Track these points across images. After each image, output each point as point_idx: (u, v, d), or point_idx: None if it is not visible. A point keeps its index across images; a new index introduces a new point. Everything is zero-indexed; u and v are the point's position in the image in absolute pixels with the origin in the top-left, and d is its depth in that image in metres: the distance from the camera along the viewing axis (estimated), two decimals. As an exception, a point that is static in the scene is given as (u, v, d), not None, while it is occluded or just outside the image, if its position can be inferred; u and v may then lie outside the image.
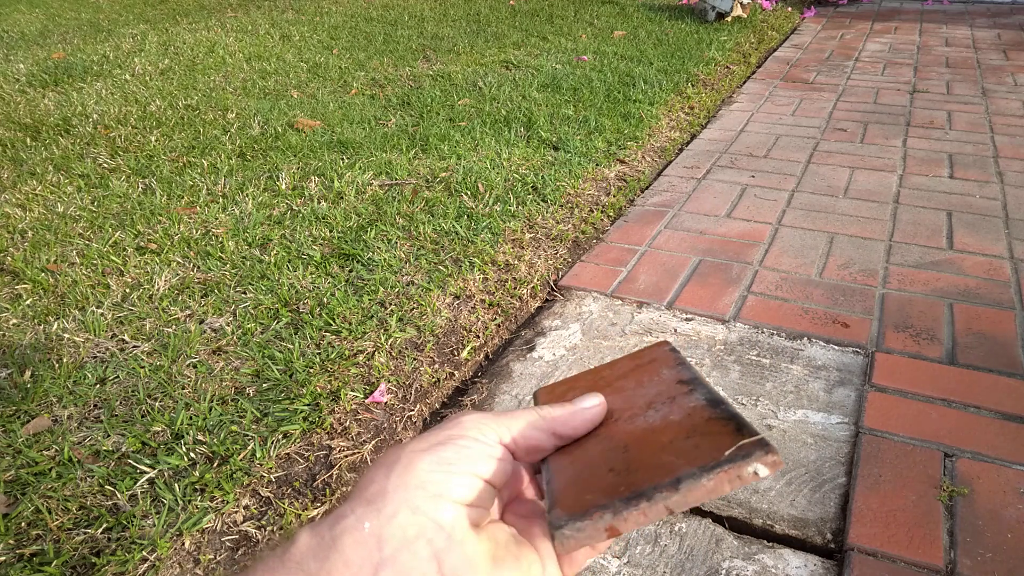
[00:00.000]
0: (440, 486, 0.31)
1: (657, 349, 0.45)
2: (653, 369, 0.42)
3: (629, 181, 2.31)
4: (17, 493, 1.14)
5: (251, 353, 1.45)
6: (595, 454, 0.36)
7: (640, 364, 0.44)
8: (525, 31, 4.48)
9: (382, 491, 0.30)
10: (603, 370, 0.45)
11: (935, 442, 1.18)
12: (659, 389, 0.40)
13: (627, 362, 0.45)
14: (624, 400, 0.40)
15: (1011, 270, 1.70)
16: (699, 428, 0.35)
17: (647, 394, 0.40)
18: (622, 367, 0.44)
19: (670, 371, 0.41)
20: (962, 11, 5.02)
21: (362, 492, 0.31)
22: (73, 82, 3.47)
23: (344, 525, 0.29)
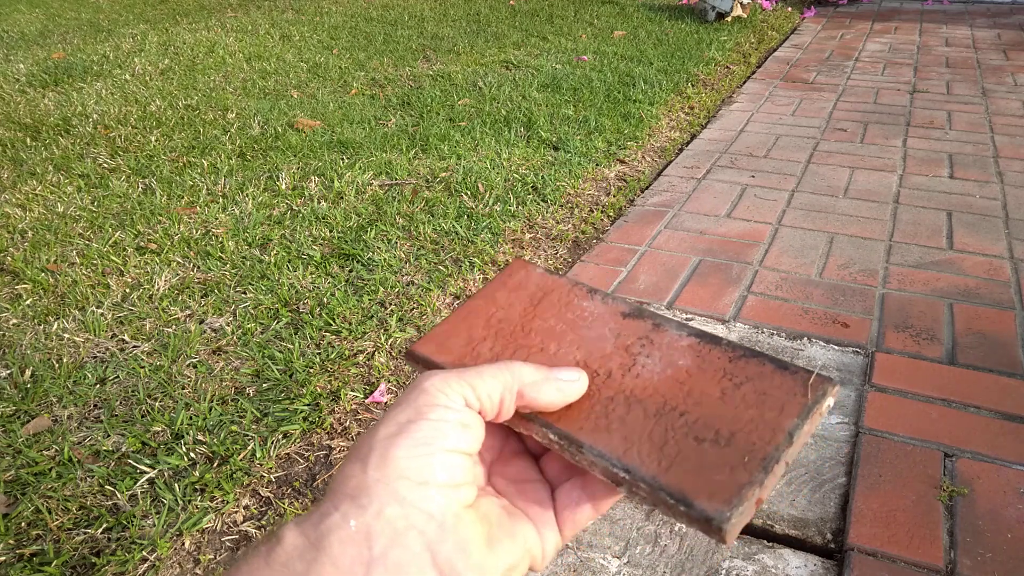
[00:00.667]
0: (422, 472, 0.29)
1: (520, 272, 0.41)
2: (559, 300, 0.39)
3: (629, 181, 2.31)
4: (17, 493, 1.14)
5: (251, 353, 1.45)
6: (646, 426, 0.33)
7: (529, 293, 0.40)
8: (525, 31, 4.48)
9: (363, 485, 0.28)
10: (485, 306, 0.40)
11: (935, 442, 1.18)
12: (612, 328, 0.37)
13: (505, 294, 0.40)
14: (578, 346, 0.37)
15: (1011, 270, 1.70)
16: (740, 373, 0.33)
17: (603, 337, 0.37)
18: (509, 300, 0.40)
19: (590, 302, 0.38)
20: (962, 11, 5.02)
21: (342, 487, 0.29)
22: (73, 82, 3.47)
23: (329, 523, 0.28)
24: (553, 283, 0.40)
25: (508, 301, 0.40)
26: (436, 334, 0.39)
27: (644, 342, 0.36)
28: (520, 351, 0.37)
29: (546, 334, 0.38)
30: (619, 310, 0.38)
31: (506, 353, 0.37)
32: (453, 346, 0.38)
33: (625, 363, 0.35)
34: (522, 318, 0.39)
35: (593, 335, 0.37)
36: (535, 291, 0.40)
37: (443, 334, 0.39)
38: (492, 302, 0.40)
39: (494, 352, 0.38)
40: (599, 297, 0.39)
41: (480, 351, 0.38)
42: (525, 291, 0.40)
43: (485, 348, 0.38)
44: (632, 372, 0.35)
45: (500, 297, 0.40)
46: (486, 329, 0.39)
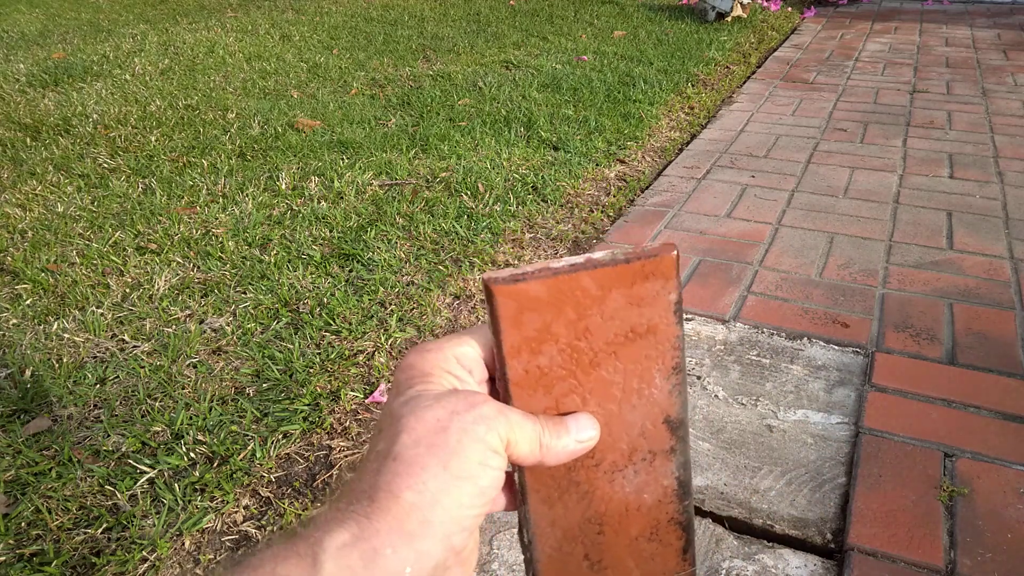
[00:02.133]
0: (472, 520, 0.30)
1: (657, 292, 0.35)
2: (646, 359, 0.35)
3: (629, 181, 2.31)
4: (17, 493, 1.14)
5: (251, 353, 1.45)
6: (575, 521, 0.36)
7: (634, 328, 0.35)
8: (525, 31, 4.48)
9: (427, 525, 0.28)
10: (590, 313, 0.34)
11: (935, 442, 1.18)
12: (644, 427, 0.36)
13: (623, 310, 0.35)
14: (606, 429, 0.36)
15: (1011, 270, 1.70)
16: (660, 530, 0.37)
17: (630, 433, 0.36)
18: (614, 322, 0.35)
19: (663, 381, 0.36)
20: (962, 11, 5.02)
21: (400, 519, 0.28)
22: (73, 82, 3.47)
23: (384, 569, 0.27)
24: (664, 306, 0.36)
25: (614, 307, 0.35)
26: (519, 282, 0.34)
27: (647, 458, 0.37)
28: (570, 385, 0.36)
29: (601, 386, 0.36)
30: (666, 412, 0.36)
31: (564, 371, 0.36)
32: (522, 298, 0.34)
33: (617, 463, 0.36)
34: (603, 340, 0.35)
35: (628, 419, 0.36)
36: (643, 325, 0.36)
37: (530, 290, 0.34)
38: (601, 304, 0.35)
39: (540, 329, 0.35)
40: (673, 355, 0.36)
41: (537, 327, 0.35)
42: (638, 303, 0.36)
43: (541, 327, 0.35)
44: (609, 475, 0.36)
45: (614, 297, 0.35)
46: (568, 328, 0.35)
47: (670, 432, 0.37)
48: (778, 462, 1.16)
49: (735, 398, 1.31)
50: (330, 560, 0.26)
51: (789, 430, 1.23)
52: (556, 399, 0.35)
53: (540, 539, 0.36)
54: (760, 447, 1.19)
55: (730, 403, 1.30)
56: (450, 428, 0.30)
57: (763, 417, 1.26)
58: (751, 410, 1.28)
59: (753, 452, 1.18)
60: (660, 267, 0.34)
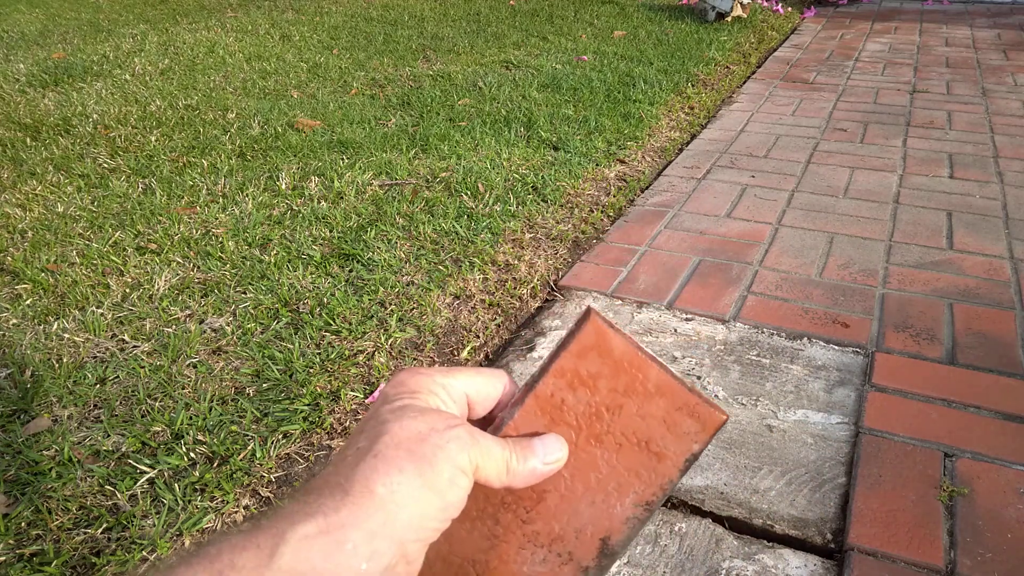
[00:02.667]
0: (430, 533, 0.31)
1: (689, 433, 0.37)
2: (636, 476, 0.37)
3: (629, 181, 2.31)
4: (17, 493, 1.14)
5: (251, 353, 1.45)
6: (465, 551, 0.36)
7: (651, 442, 0.37)
8: (525, 31, 4.48)
9: (390, 526, 0.29)
10: (632, 398, 0.36)
11: (935, 442, 1.18)
12: (584, 528, 0.37)
13: (657, 420, 0.36)
14: (557, 501, 0.36)
15: (1011, 270, 1.70)
16: None
17: (570, 523, 0.36)
18: (643, 422, 0.37)
19: (631, 507, 0.37)
20: (962, 11, 5.02)
21: (367, 515, 0.29)
22: (73, 82, 3.47)
23: (341, 563, 0.28)
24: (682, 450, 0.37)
25: (623, 422, 0.37)
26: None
27: (563, 557, 0.37)
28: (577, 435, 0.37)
29: (590, 455, 0.37)
30: (640, 496, 0.37)
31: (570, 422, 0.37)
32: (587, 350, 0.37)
33: (536, 538, 0.36)
34: (600, 433, 0.37)
35: (580, 510, 0.37)
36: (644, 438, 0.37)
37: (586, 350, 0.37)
38: (619, 414, 0.37)
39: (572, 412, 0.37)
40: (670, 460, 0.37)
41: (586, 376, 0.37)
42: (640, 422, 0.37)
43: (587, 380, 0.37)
44: (521, 552, 0.36)
45: (628, 412, 0.37)
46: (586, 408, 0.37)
47: (599, 553, 0.37)
48: (778, 462, 1.16)
49: (735, 398, 1.31)
50: (290, 551, 0.27)
51: (789, 430, 1.23)
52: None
53: (432, 547, 0.36)
54: (760, 447, 1.19)
55: (730, 403, 1.30)
56: (428, 440, 0.31)
57: (763, 417, 1.26)
58: (751, 410, 1.28)
59: (753, 452, 1.18)
60: (708, 415, 0.36)
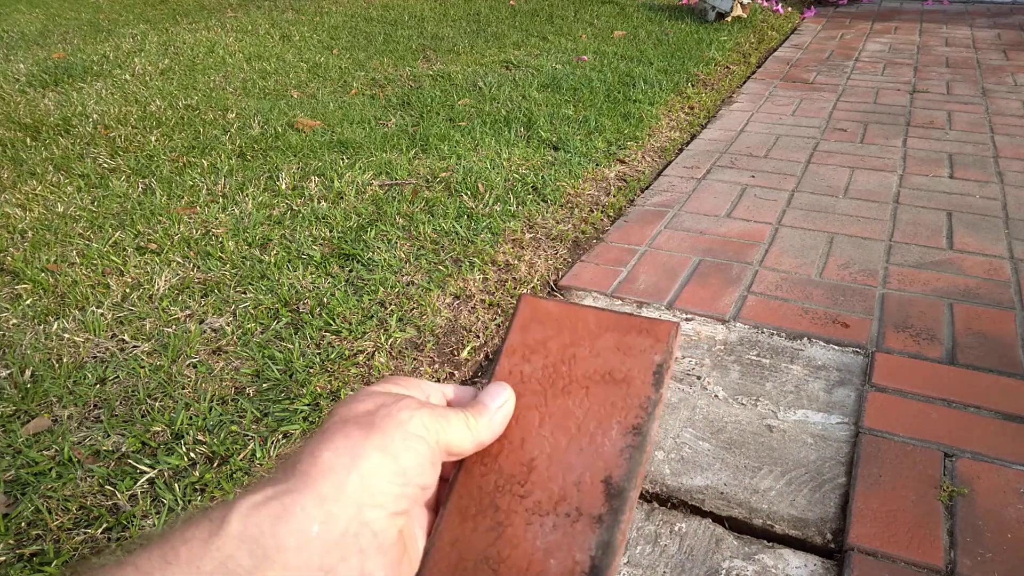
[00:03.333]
0: (390, 500, 0.30)
1: (645, 350, 0.38)
2: (612, 406, 0.37)
3: (629, 181, 2.31)
4: (17, 493, 1.14)
5: (251, 353, 1.45)
6: (476, 550, 0.35)
7: (612, 372, 0.38)
8: (525, 31, 4.48)
9: (340, 489, 0.28)
10: (581, 344, 0.38)
11: (935, 442, 1.18)
12: (581, 476, 0.35)
13: (609, 352, 0.38)
14: (547, 461, 0.36)
15: (1011, 270, 1.70)
16: None
17: (567, 478, 0.35)
18: (598, 360, 0.38)
19: (619, 437, 0.36)
20: (962, 11, 5.02)
21: (316, 482, 0.28)
22: (73, 82, 3.47)
23: (291, 526, 0.27)
24: (643, 379, 0.38)
25: (603, 359, 0.39)
26: (547, 308, 0.40)
27: (572, 515, 0.35)
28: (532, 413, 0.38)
29: (567, 397, 0.38)
30: (609, 473, 0.36)
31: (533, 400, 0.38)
32: (538, 321, 0.40)
33: (539, 507, 0.36)
34: (580, 376, 0.38)
35: (576, 448, 0.36)
36: (620, 376, 0.38)
37: (551, 316, 0.40)
38: (593, 341, 0.39)
39: (540, 354, 0.39)
40: (628, 435, 0.36)
41: (538, 347, 0.39)
42: (622, 361, 0.39)
43: (540, 349, 0.39)
44: (529, 521, 0.35)
45: (605, 344, 0.39)
46: (559, 351, 0.39)
47: (605, 496, 0.35)
48: (778, 462, 1.16)
49: (735, 398, 1.31)
50: (238, 519, 0.27)
51: (789, 430, 1.23)
52: (520, 409, 0.37)
53: (437, 553, 0.35)
54: (760, 447, 1.19)
55: (730, 403, 1.30)
56: (376, 413, 0.32)
57: (763, 417, 1.26)
58: (751, 410, 1.28)
59: (753, 452, 1.18)
60: (655, 329, 0.38)
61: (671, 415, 1.28)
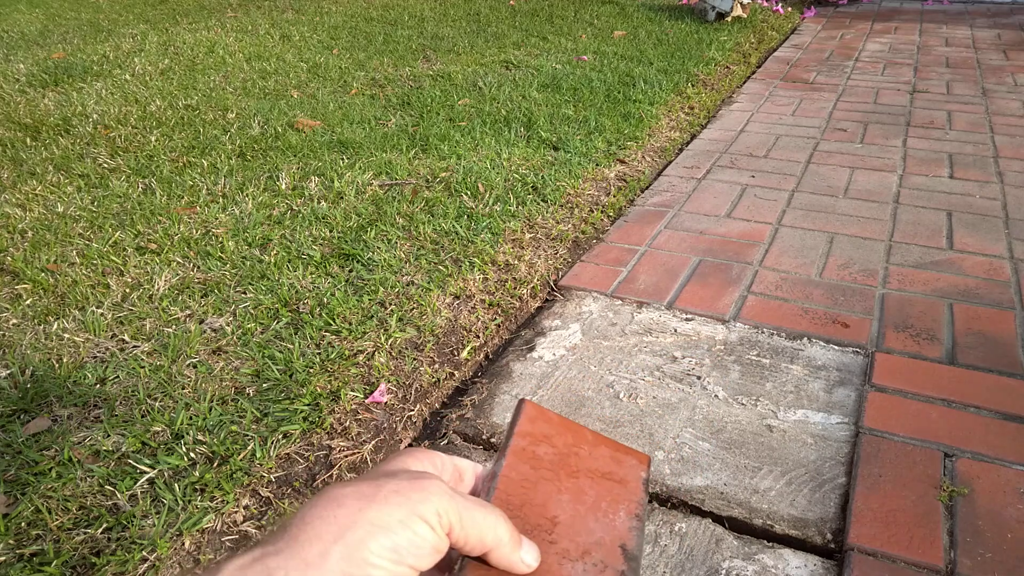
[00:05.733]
0: (380, 573, 0.29)
1: (634, 466, 0.44)
2: (616, 497, 0.41)
3: (629, 181, 2.31)
4: (17, 493, 1.14)
5: (251, 353, 1.45)
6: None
7: (611, 474, 0.42)
8: (525, 31, 4.48)
9: (324, 556, 0.28)
10: (582, 447, 0.43)
11: (935, 442, 1.18)
12: (601, 539, 0.39)
13: (606, 460, 0.43)
14: (569, 520, 0.39)
15: (1011, 270, 1.70)
16: None
17: (588, 537, 0.39)
18: (598, 462, 0.43)
19: (626, 519, 0.40)
20: (962, 11, 5.02)
21: (301, 547, 0.28)
22: (73, 82, 3.47)
23: None
24: (633, 484, 0.43)
25: (598, 462, 0.43)
26: (542, 417, 0.44)
27: (599, 565, 0.38)
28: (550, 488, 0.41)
29: (574, 493, 0.41)
30: (624, 541, 0.39)
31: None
32: (538, 428, 0.43)
33: (568, 553, 0.38)
34: (583, 473, 0.42)
35: (587, 528, 0.39)
36: (618, 478, 0.43)
37: (546, 421, 0.44)
38: (592, 450, 0.44)
39: (544, 451, 0.42)
40: (633, 520, 0.41)
41: (542, 445, 0.42)
42: (616, 469, 0.43)
43: (546, 448, 0.42)
44: (562, 567, 0.37)
45: (601, 454, 0.44)
46: (559, 456, 0.43)
47: (624, 558, 0.38)
48: (778, 462, 1.16)
49: (735, 398, 1.31)
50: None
51: (789, 430, 1.23)
52: (537, 480, 0.40)
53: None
54: (760, 447, 1.19)
55: (730, 403, 1.30)
56: (383, 487, 0.31)
57: (763, 417, 1.26)
58: (751, 410, 1.28)
59: (753, 452, 1.18)
60: (639, 455, 0.44)
61: (671, 415, 1.28)
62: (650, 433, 1.24)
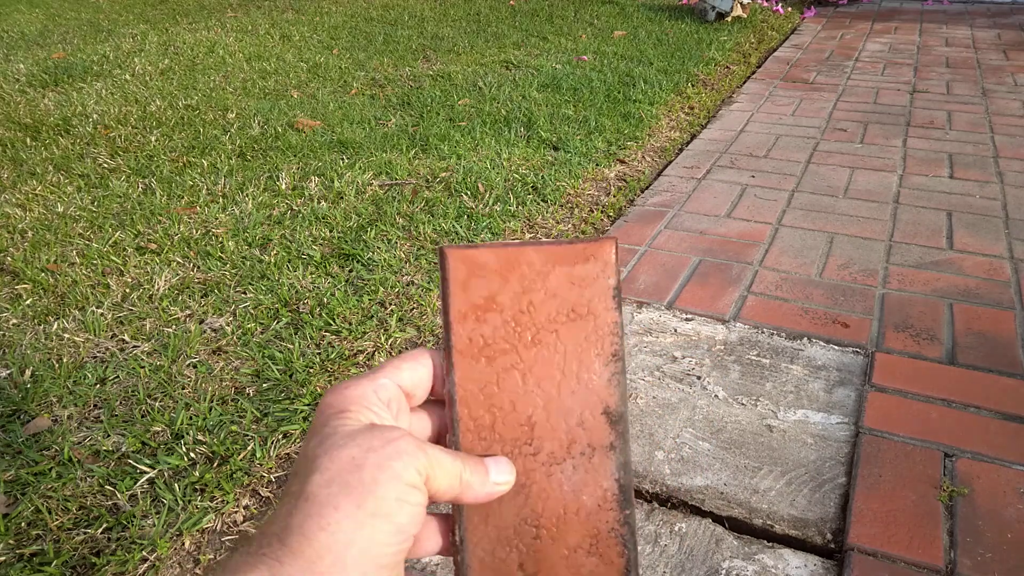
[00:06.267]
0: (391, 558, 0.29)
1: (598, 275, 0.37)
2: (586, 340, 0.36)
3: (629, 181, 2.31)
4: (17, 493, 1.14)
5: (251, 353, 1.45)
6: (510, 520, 0.36)
7: (575, 308, 0.37)
8: (525, 31, 4.48)
9: (340, 565, 0.28)
10: (535, 287, 0.37)
11: (935, 442, 1.18)
12: (582, 415, 0.36)
13: (565, 288, 0.37)
14: (544, 414, 0.36)
15: (1011, 270, 1.70)
16: (600, 542, 0.36)
17: (569, 421, 0.36)
18: (556, 299, 0.37)
19: (602, 368, 0.36)
20: (962, 11, 5.02)
21: (312, 561, 0.28)
22: (73, 82, 3.47)
23: None
24: (603, 287, 0.37)
25: (553, 283, 0.37)
26: (475, 253, 0.37)
27: (586, 452, 0.36)
28: (513, 372, 0.37)
29: (540, 347, 0.36)
30: (605, 401, 0.36)
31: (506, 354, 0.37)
32: (474, 269, 0.37)
33: (555, 455, 0.36)
34: (542, 317, 0.37)
35: (567, 404, 0.36)
36: (584, 301, 0.37)
37: (482, 258, 0.37)
38: (543, 277, 0.37)
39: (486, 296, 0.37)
40: (612, 343, 0.37)
41: (484, 294, 0.37)
42: (578, 281, 0.37)
43: (486, 291, 0.37)
44: (548, 469, 0.36)
45: (556, 272, 0.37)
46: (511, 298, 0.37)
47: (610, 426, 0.36)
48: (778, 462, 1.16)
49: (735, 398, 1.31)
50: None
51: (789, 430, 1.23)
52: (497, 373, 0.36)
53: (472, 538, 0.35)
54: (760, 447, 1.19)
55: (730, 403, 1.30)
56: (365, 465, 0.29)
57: (763, 417, 1.26)
58: (751, 410, 1.28)
59: (753, 452, 1.18)
60: (600, 252, 0.37)
61: (671, 415, 1.28)
62: (650, 433, 1.24)
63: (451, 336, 0.36)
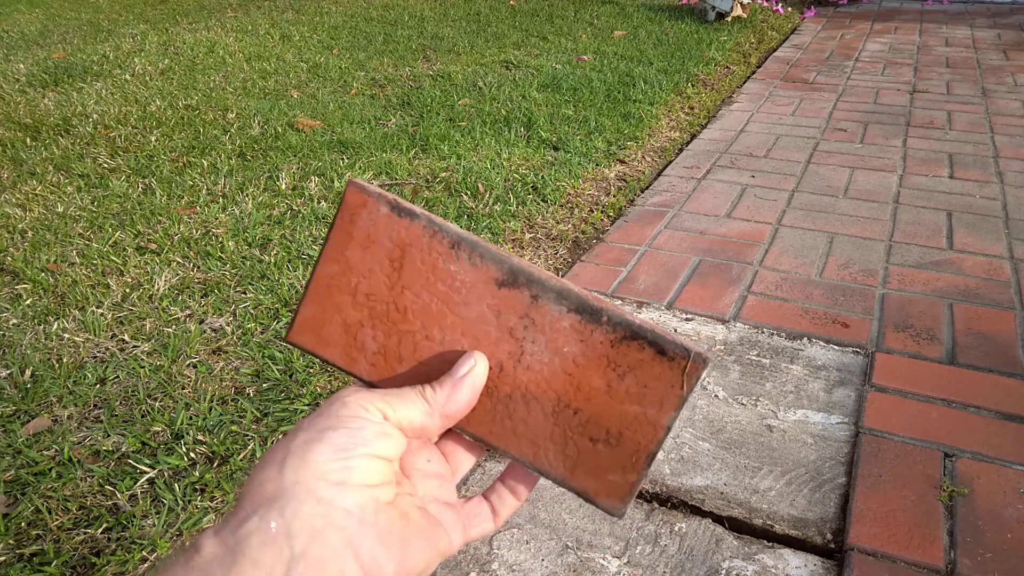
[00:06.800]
0: (340, 473, 0.30)
1: (363, 215, 0.37)
2: (423, 263, 0.36)
3: (629, 181, 2.31)
4: (17, 493, 1.14)
5: (251, 353, 1.45)
6: (547, 427, 0.36)
7: (386, 252, 0.37)
8: (525, 31, 4.48)
9: (280, 488, 0.29)
10: (343, 275, 0.37)
11: (935, 442, 1.18)
12: (491, 305, 0.36)
13: (359, 254, 0.37)
14: (462, 331, 0.36)
15: (1011, 270, 1.70)
16: (622, 361, 0.35)
17: (484, 317, 0.36)
18: (367, 264, 0.37)
19: (456, 265, 0.36)
20: (962, 11, 5.02)
21: (258, 492, 0.29)
22: (73, 82, 3.47)
23: (248, 527, 0.28)
24: (407, 234, 0.36)
25: (366, 265, 0.37)
26: (308, 320, 0.38)
27: (527, 323, 0.36)
28: (405, 339, 0.37)
29: (424, 315, 0.37)
30: (491, 276, 0.36)
31: (391, 343, 0.37)
32: (332, 335, 0.38)
33: (514, 352, 0.36)
34: (391, 292, 0.37)
35: (473, 315, 0.36)
36: (392, 248, 0.37)
37: (315, 320, 0.38)
38: (348, 268, 0.37)
39: (378, 342, 0.37)
40: (465, 257, 0.36)
41: (364, 341, 0.38)
42: (381, 248, 0.37)
43: (368, 337, 0.37)
44: (522, 363, 0.36)
45: (354, 259, 0.37)
46: (357, 309, 0.37)
47: (515, 288, 0.36)
48: (778, 462, 1.16)
49: (735, 398, 1.31)
50: (209, 543, 0.28)
51: (789, 430, 1.23)
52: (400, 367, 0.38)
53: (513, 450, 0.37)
54: (760, 447, 1.19)
55: (730, 403, 1.30)
56: (305, 420, 0.33)
57: (763, 417, 1.26)
58: (751, 410, 1.28)
59: (753, 452, 1.18)
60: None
61: (671, 415, 1.28)
62: (650, 433, 1.23)
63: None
